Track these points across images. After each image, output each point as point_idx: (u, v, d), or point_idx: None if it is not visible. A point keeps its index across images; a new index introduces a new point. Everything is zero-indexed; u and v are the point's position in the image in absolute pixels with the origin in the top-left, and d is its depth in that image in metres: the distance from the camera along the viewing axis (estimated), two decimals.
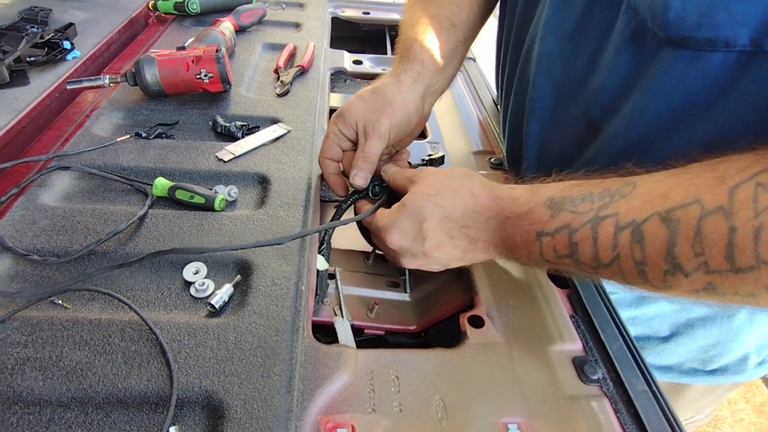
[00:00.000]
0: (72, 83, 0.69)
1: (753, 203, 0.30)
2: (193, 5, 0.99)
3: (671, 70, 0.39)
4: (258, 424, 0.37)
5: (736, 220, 0.30)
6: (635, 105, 0.43)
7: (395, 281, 0.60)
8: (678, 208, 0.33)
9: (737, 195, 0.31)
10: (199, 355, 0.41)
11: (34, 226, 0.51)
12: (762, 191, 0.30)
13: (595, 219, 0.37)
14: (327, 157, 0.56)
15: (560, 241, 0.39)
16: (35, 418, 0.37)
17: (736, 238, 0.30)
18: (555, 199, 0.40)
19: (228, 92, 0.76)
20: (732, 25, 0.35)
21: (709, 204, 0.31)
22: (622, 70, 0.44)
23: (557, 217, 0.39)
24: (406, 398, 0.41)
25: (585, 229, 0.37)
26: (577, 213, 0.38)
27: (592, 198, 0.38)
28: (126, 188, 0.58)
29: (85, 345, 0.41)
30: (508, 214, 0.42)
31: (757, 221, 0.29)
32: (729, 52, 0.36)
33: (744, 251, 0.30)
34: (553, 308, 0.50)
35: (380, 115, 0.54)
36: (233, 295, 0.47)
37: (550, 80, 0.53)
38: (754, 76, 0.36)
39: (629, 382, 0.44)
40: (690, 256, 0.32)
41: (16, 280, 0.47)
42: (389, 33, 1.17)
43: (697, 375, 0.65)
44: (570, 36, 0.49)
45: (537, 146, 0.57)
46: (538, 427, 0.40)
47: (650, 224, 0.34)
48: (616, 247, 0.36)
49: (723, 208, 0.31)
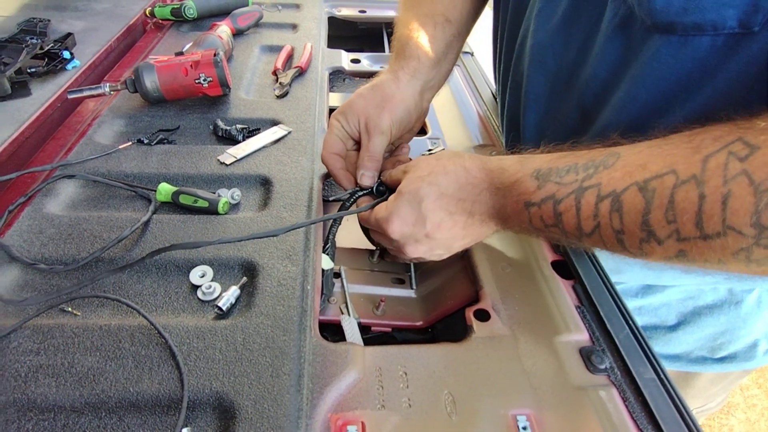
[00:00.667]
0: (73, 92, 0.70)
1: (723, 171, 0.30)
2: (189, 10, 0.99)
3: (660, 56, 0.40)
4: (269, 424, 0.37)
5: (706, 188, 0.31)
6: (627, 92, 0.44)
7: (400, 278, 0.60)
8: (654, 178, 0.33)
9: (709, 164, 0.31)
10: (209, 357, 0.41)
11: (41, 235, 0.52)
12: (732, 159, 0.30)
13: (579, 190, 0.38)
14: (332, 152, 0.56)
15: (546, 212, 0.40)
16: (50, 424, 0.37)
17: (705, 205, 0.31)
18: (542, 171, 0.40)
19: (227, 96, 0.77)
20: (718, 7, 0.35)
21: (683, 173, 0.32)
22: (612, 58, 0.44)
23: (543, 188, 0.40)
24: (414, 393, 0.41)
25: (569, 200, 0.38)
26: (562, 184, 0.39)
27: (577, 169, 0.38)
28: (130, 195, 0.59)
29: (96, 351, 0.42)
30: (498, 184, 0.43)
31: (726, 188, 0.30)
32: (717, 35, 0.37)
33: (712, 218, 0.30)
34: (558, 299, 0.50)
35: (381, 111, 0.54)
36: (240, 297, 0.48)
37: (543, 72, 0.53)
38: (744, 57, 0.36)
39: (637, 370, 0.44)
40: (663, 224, 0.33)
41: (25, 289, 0.47)
42: (386, 30, 1.17)
43: (705, 363, 0.65)
44: (560, 27, 0.49)
45: (535, 138, 0.58)
46: (547, 418, 0.40)
47: (628, 194, 0.35)
48: (597, 217, 0.36)
49: (695, 176, 0.31)
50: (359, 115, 0.55)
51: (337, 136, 0.56)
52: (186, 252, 0.51)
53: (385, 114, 0.54)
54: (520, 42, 0.56)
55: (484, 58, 1.01)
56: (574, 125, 0.51)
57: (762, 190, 0.29)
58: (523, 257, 0.55)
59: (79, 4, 1.02)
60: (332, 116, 0.58)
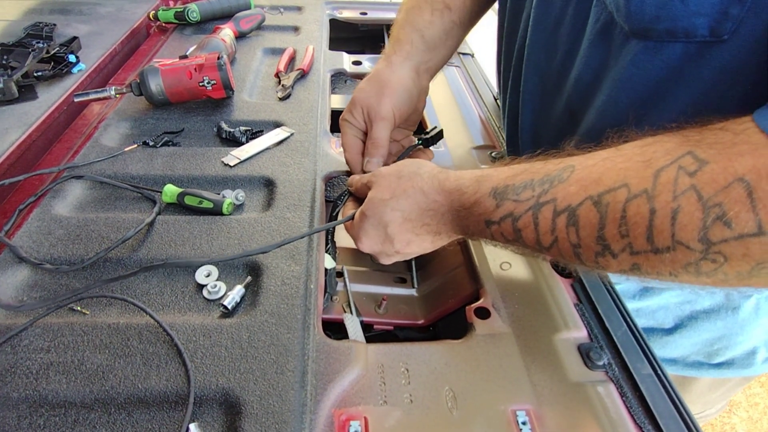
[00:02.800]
0: (79, 96, 0.71)
1: (673, 186, 0.31)
2: (193, 14, 1.00)
3: (638, 61, 0.41)
4: (274, 419, 0.38)
5: (657, 202, 0.31)
6: (608, 96, 0.45)
7: (402, 277, 0.61)
8: (608, 192, 0.34)
9: (660, 178, 0.32)
10: (215, 355, 0.42)
11: (50, 236, 0.53)
12: (682, 174, 0.31)
13: (536, 206, 0.38)
14: (355, 153, 0.58)
15: (506, 228, 0.40)
16: (61, 419, 0.38)
17: (655, 220, 0.31)
18: (498, 189, 0.41)
19: (231, 98, 0.78)
20: (688, 16, 0.36)
21: (635, 187, 0.33)
22: (595, 61, 0.45)
23: (502, 207, 0.40)
24: (416, 389, 0.42)
25: (527, 216, 0.39)
26: (519, 201, 0.39)
27: (533, 185, 0.39)
28: (137, 196, 0.60)
29: (105, 348, 0.43)
30: (458, 206, 0.44)
31: (675, 203, 0.30)
32: (689, 43, 0.37)
33: (662, 233, 0.31)
34: (557, 297, 0.51)
35: (381, 98, 0.56)
36: (245, 296, 0.49)
37: (536, 72, 0.54)
38: (716, 65, 0.37)
39: (634, 366, 0.44)
40: (617, 238, 0.33)
41: (35, 289, 0.48)
42: (387, 32, 1.18)
43: (702, 368, 0.65)
44: (551, 29, 0.50)
45: (531, 137, 0.59)
46: (546, 414, 0.41)
47: (583, 208, 0.35)
48: (554, 231, 0.37)
49: (647, 191, 0.32)
50: (362, 107, 0.57)
51: (353, 136, 0.58)
52: (192, 252, 0.52)
53: (384, 100, 0.56)
54: (519, 42, 0.57)
55: (485, 60, 1.02)
56: (563, 126, 0.52)
57: (710, 206, 0.29)
58: (523, 256, 0.56)
59: (83, 8, 1.03)
60: (341, 119, 0.59)
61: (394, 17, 1.14)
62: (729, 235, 0.29)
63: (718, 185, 0.29)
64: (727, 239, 0.29)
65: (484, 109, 0.85)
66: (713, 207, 0.29)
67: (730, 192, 0.29)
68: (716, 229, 0.29)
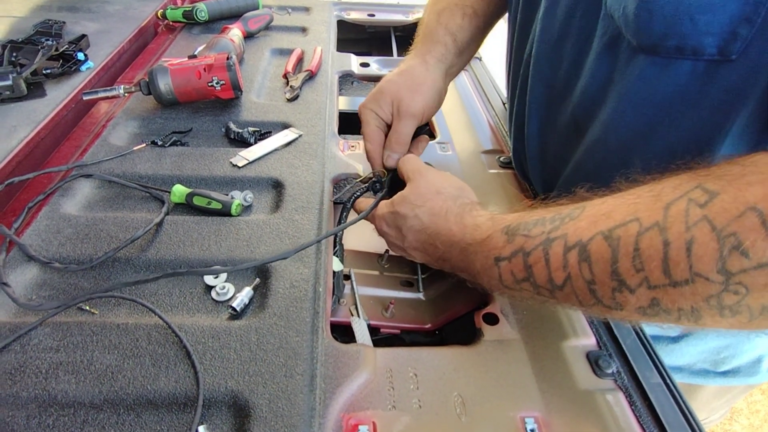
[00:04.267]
0: (88, 94, 0.71)
1: (684, 217, 0.31)
2: (201, 13, 1.00)
3: (644, 76, 0.41)
4: (283, 422, 0.38)
5: (670, 234, 0.31)
6: (614, 109, 0.44)
7: (409, 281, 0.61)
8: (619, 227, 0.34)
9: (671, 211, 0.31)
10: (224, 357, 0.42)
11: (59, 235, 0.53)
12: (693, 206, 0.31)
13: (546, 241, 0.38)
14: (377, 144, 0.57)
15: (516, 265, 0.40)
16: (70, 419, 0.38)
17: (670, 252, 0.31)
18: (511, 226, 0.41)
19: (239, 99, 0.78)
20: (697, 34, 0.36)
21: (646, 221, 0.32)
22: (601, 75, 0.45)
23: (512, 242, 0.40)
24: (425, 395, 0.42)
25: (537, 252, 0.38)
26: (530, 236, 0.39)
27: (544, 222, 0.39)
28: (145, 196, 0.60)
29: (114, 349, 0.43)
30: (470, 240, 0.44)
31: (689, 234, 0.30)
32: (697, 60, 0.37)
33: (678, 264, 0.31)
34: None
35: (414, 95, 0.56)
36: (253, 298, 0.49)
37: (542, 83, 0.54)
38: (723, 85, 0.37)
39: (643, 375, 0.44)
40: (632, 272, 0.33)
41: (44, 288, 0.48)
42: (394, 34, 1.18)
43: (708, 376, 0.65)
44: (556, 40, 0.50)
45: (537, 147, 0.59)
46: (555, 421, 0.41)
47: (595, 243, 0.35)
48: (567, 267, 0.36)
49: (658, 223, 0.32)
50: (392, 99, 0.56)
51: (377, 127, 0.57)
52: (200, 253, 0.52)
53: (417, 97, 0.56)
54: (527, 52, 0.57)
55: (492, 65, 1.02)
56: (569, 136, 0.53)
57: (724, 236, 0.29)
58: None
59: (92, 6, 1.04)
60: (363, 108, 0.58)
61: (401, 19, 1.16)
62: (748, 265, 0.28)
63: (731, 215, 0.29)
64: (746, 269, 0.28)
65: (492, 113, 0.85)
66: (728, 237, 0.29)
67: (743, 221, 0.28)
68: (734, 260, 0.29)
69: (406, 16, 1.17)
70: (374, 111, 0.57)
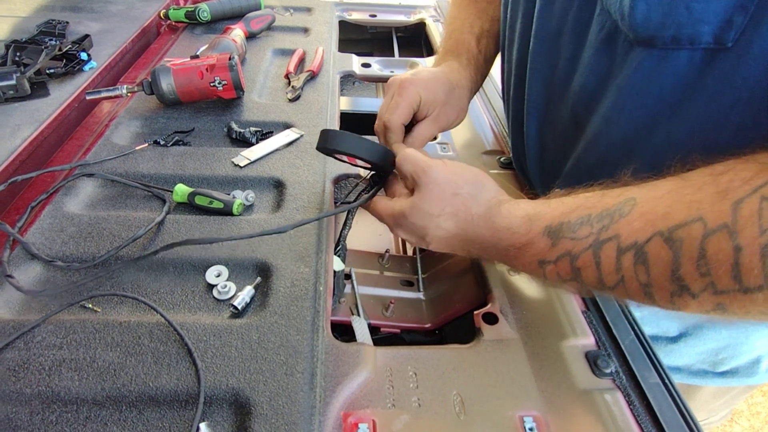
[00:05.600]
0: (91, 94, 0.72)
1: (758, 220, 0.28)
2: (203, 13, 1.01)
3: (642, 69, 0.41)
4: (284, 420, 0.38)
5: (741, 238, 0.29)
6: (613, 103, 0.44)
7: (409, 280, 0.61)
8: (680, 227, 0.32)
9: (741, 211, 0.29)
10: (225, 355, 0.43)
11: (62, 233, 0.53)
12: (767, 206, 0.28)
13: (596, 243, 0.36)
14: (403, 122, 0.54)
15: (563, 268, 0.38)
16: (73, 416, 0.38)
17: (742, 258, 0.29)
18: (553, 228, 0.39)
19: (241, 99, 0.78)
20: (693, 23, 0.36)
21: (712, 222, 0.30)
22: (599, 69, 0.45)
23: (558, 246, 0.38)
24: (424, 393, 0.42)
25: (587, 255, 0.36)
26: (577, 239, 0.37)
27: (591, 221, 0.37)
28: (148, 195, 0.60)
29: (117, 346, 0.43)
30: (507, 245, 0.42)
31: (764, 239, 0.28)
32: (694, 50, 0.37)
33: (752, 271, 0.29)
34: (565, 304, 0.51)
35: (457, 115, 0.60)
36: (254, 297, 0.49)
37: (540, 79, 0.54)
38: (718, 74, 0.37)
39: (642, 375, 0.45)
40: (696, 276, 0.31)
41: (47, 286, 0.49)
42: (396, 35, 1.18)
43: (706, 377, 0.65)
44: (553, 37, 0.51)
45: (536, 145, 0.59)
46: (553, 420, 0.41)
47: (653, 245, 0.33)
48: (620, 270, 0.35)
49: (727, 225, 0.29)
50: (437, 106, 0.57)
51: (411, 107, 0.54)
52: (202, 251, 0.52)
53: (456, 121, 0.60)
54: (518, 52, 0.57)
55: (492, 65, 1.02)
56: (568, 133, 0.53)
57: None
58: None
59: (95, 6, 1.04)
60: (411, 87, 0.54)
61: (402, 20, 1.16)
62: None
63: None
64: None
65: (492, 114, 0.85)
66: None
67: None
68: None
69: (408, 17, 1.18)
70: (422, 96, 0.55)
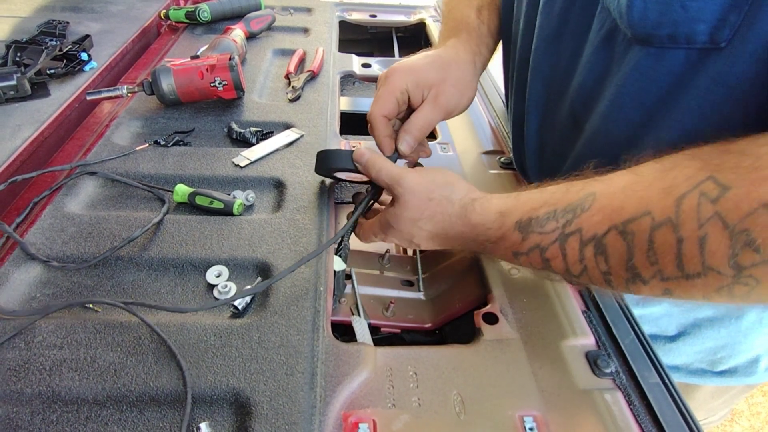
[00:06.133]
0: (91, 94, 0.72)
1: (697, 214, 0.31)
2: (204, 14, 1.01)
3: (640, 67, 0.41)
4: (284, 420, 0.38)
5: (683, 231, 0.32)
6: (612, 102, 0.45)
7: (409, 280, 0.61)
8: (632, 221, 0.35)
9: (683, 206, 0.32)
10: (225, 355, 0.43)
11: (62, 233, 0.53)
12: (705, 201, 0.31)
13: (562, 237, 0.40)
14: (384, 114, 0.53)
15: (534, 259, 0.42)
16: (73, 416, 0.39)
17: (684, 249, 0.32)
18: (523, 223, 0.43)
19: (241, 99, 0.78)
20: (689, 21, 0.36)
21: (658, 216, 0.33)
22: (598, 67, 0.46)
23: (528, 239, 0.42)
24: (424, 393, 0.43)
25: (554, 247, 0.40)
26: (545, 233, 0.41)
27: (556, 216, 0.40)
28: (148, 195, 0.60)
29: (117, 346, 0.43)
30: (484, 240, 0.46)
31: (702, 232, 0.31)
32: (690, 49, 0.38)
33: (692, 260, 0.32)
34: (565, 304, 0.51)
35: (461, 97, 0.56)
36: (255, 297, 0.49)
37: (540, 79, 0.54)
38: (711, 73, 0.37)
39: (642, 375, 0.45)
40: (646, 265, 0.34)
41: (47, 286, 0.49)
42: (396, 35, 1.18)
43: (705, 376, 0.65)
44: (553, 36, 0.51)
45: (536, 144, 0.59)
46: (553, 420, 0.41)
47: (610, 238, 0.36)
48: (583, 261, 0.39)
49: (671, 219, 0.33)
50: (432, 87, 0.54)
51: (396, 99, 0.53)
52: (202, 252, 0.52)
53: (463, 100, 0.57)
54: (520, 51, 0.57)
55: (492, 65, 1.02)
56: (567, 132, 0.53)
57: (736, 233, 0.30)
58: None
59: (95, 6, 1.04)
60: (394, 74, 0.53)
61: (402, 20, 1.16)
62: (759, 259, 0.29)
63: (742, 212, 0.30)
64: (757, 264, 0.30)
65: (493, 114, 0.85)
66: (740, 234, 0.30)
67: (756, 219, 0.29)
68: (746, 255, 0.30)
69: (408, 17, 1.18)
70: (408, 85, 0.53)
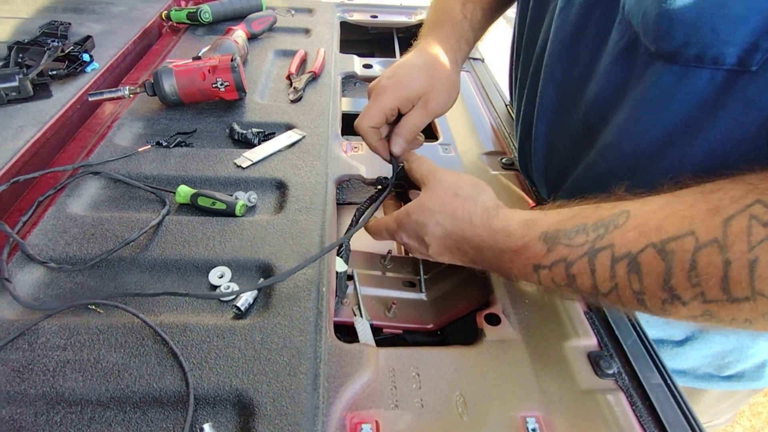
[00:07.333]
0: (93, 95, 0.72)
1: (747, 236, 0.30)
2: (205, 14, 1.01)
3: (661, 83, 0.40)
4: (287, 421, 0.39)
5: (731, 253, 0.31)
6: (628, 115, 0.44)
7: (411, 281, 0.61)
8: (673, 240, 0.33)
9: (731, 228, 0.31)
10: (228, 356, 0.43)
11: (65, 234, 0.53)
12: (756, 224, 0.30)
13: (591, 251, 0.37)
14: (372, 125, 0.55)
15: (558, 273, 0.40)
16: (77, 417, 0.39)
17: (731, 271, 0.31)
18: (549, 233, 0.40)
19: (243, 100, 0.78)
20: (718, 44, 0.35)
21: (703, 236, 0.32)
22: (616, 79, 0.45)
23: (553, 251, 0.40)
24: (427, 394, 0.43)
25: (582, 262, 0.38)
26: (573, 246, 0.39)
27: (587, 230, 0.38)
28: (150, 196, 0.60)
29: (120, 347, 0.43)
30: (503, 247, 0.43)
31: (752, 255, 0.30)
32: (717, 70, 0.37)
33: (740, 283, 0.31)
34: (567, 305, 0.51)
35: (448, 99, 0.57)
36: (257, 298, 0.49)
37: (553, 84, 0.54)
38: (741, 96, 0.36)
39: (644, 375, 0.45)
40: (687, 286, 0.33)
41: (50, 287, 0.49)
42: (397, 35, 1.19)
43: (712, 380, 0.65)
44: (569, 42, 0.50)
45: (544, 149, 0.59)
46: (556, 421, 0.41)
47: (646, 256, 0.34)
48: (614, 278, 0.36)
49: (717, 241, 0.31)
50: (420, 92, 0.55)
51: (382, 112, 0.54)
52: (205, 253, 0.52)
53: (450, 101, 0.57)
54: (537, 53, 0.57)
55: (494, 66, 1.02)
56: (579, 139, 0.52)
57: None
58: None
59: (96, 7, 1.04)
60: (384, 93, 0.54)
61: (403, 20, 1.16)
62: None
63: None
64: None
65: (494, 114, 0.85)
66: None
67: None
68: None
69: (409, 18, 1.18)
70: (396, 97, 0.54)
